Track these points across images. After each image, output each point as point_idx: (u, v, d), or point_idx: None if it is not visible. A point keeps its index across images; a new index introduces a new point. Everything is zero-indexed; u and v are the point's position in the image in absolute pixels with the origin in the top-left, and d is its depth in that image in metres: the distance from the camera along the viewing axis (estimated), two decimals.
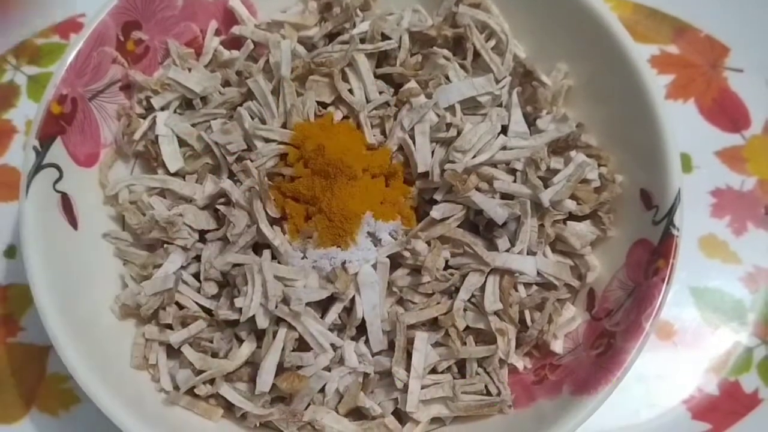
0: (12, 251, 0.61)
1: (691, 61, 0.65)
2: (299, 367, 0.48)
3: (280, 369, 0.48)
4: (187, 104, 0.56)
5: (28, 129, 0.64)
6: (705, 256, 0.60)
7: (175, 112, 0.55)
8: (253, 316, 0.47)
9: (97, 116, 0.53)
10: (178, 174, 0.54)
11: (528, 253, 0.49)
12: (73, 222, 0.50)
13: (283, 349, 0.47)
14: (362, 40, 0.54)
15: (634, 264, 0.49)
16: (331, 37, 0.56)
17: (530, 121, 0.53)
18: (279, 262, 0.48)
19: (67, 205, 0.50)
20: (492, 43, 0.55)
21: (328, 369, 0.48)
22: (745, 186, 0.62)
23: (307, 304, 0.47)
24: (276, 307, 0.47)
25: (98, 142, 0.53)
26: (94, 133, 0.53)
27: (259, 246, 0.50)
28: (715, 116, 0.64)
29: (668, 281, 0.46)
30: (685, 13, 0.66)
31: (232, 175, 0.52)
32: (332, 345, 0.48)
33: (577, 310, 0.51)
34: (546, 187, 0.49)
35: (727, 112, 0.64)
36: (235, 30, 0.57)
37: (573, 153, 0.51)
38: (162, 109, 0.55)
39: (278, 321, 0.48)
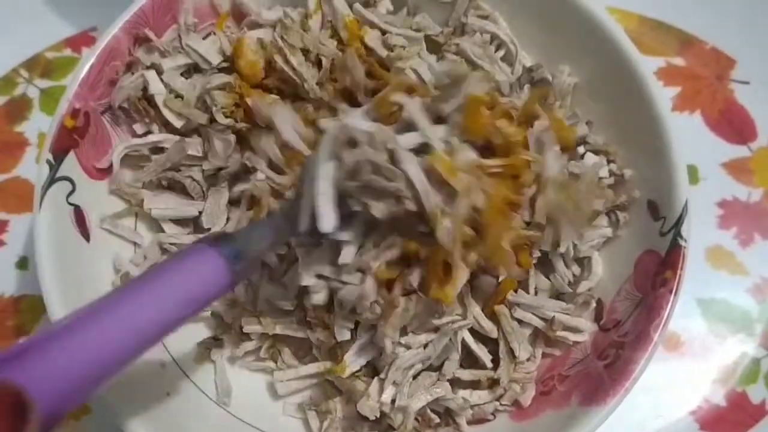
0: (24, 262, 0.61)
1: (697, 74, 0.66)
2: None
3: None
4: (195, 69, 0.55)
5: (40, 142, 0.64)
6: (712, 267, 0.60)
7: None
8: None
9: (109, 129, 0.54)
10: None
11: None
12: (85, 234, 0.51)
13: None
14: None
15: (642, 275, 0.49)
16: None
17: None
18: None
19: (79, 217, 0.51)
20: (501, 53, 0.55)
21: None
22: (751, 197, 0.62)
23: None
24: None
25: (110, 155, 0.54)
26: (106, 146, 0.53)
27: None
28: (722, 128, 0.64)
29: (676, 292, 0.46)
30: (690, 25, 0.66)
31: None
32: None
33: (586, 320, 0.51)
34: None
35: (733, 124, 0.64)
36: (245, 21, 0.56)
37: (580, 149, 0.51)
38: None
39: None
